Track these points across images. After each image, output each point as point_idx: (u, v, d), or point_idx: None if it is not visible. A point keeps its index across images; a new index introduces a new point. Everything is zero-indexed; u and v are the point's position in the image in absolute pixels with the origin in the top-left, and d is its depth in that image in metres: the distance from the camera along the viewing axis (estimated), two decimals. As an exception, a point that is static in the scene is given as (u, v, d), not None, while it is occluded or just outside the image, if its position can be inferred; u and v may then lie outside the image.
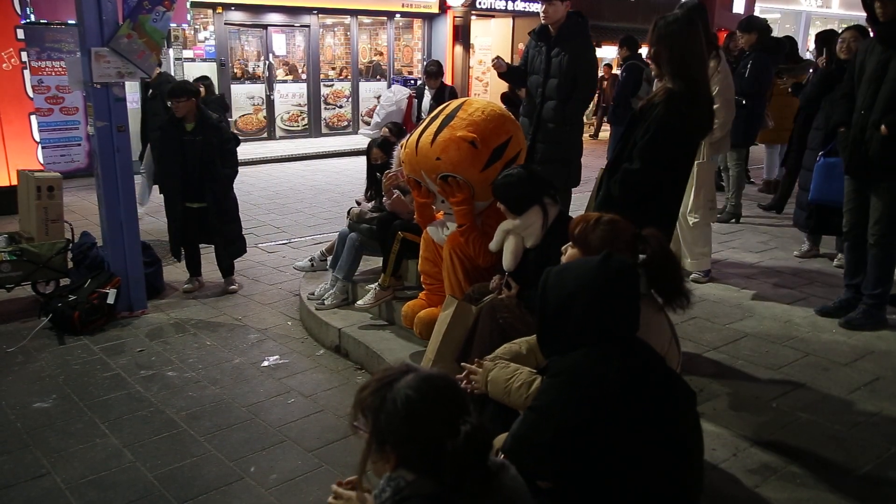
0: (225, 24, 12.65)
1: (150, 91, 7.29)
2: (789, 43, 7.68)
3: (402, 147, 3.86)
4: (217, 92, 8.93)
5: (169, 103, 5.07)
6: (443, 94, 7.51)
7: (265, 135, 13.49)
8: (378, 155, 4.94)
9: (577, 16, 4.74)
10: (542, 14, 4.67)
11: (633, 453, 1.73)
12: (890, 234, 4.00)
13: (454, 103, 3.73)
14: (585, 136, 8.01)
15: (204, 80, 7.81)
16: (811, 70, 7.02)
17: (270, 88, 13.41)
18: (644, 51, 7.37)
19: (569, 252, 2.37)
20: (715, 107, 3.55)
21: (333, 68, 14.47)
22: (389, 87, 14.74)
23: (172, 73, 10.99)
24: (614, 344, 1.81)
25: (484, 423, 1.49)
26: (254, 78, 13.35)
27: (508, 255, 3.19)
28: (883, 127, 3.80)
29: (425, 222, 3.88)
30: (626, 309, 1.85)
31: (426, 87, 7.82)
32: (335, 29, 14.47)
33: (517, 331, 2.80)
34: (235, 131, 10.23)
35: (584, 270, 1.88)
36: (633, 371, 1.77)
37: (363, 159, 5.15)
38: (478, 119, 3.53)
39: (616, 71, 9.91)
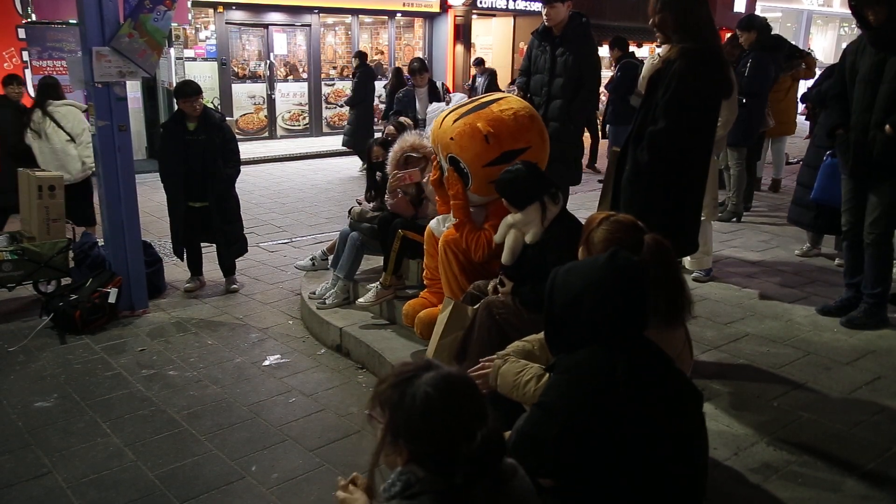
0: (226, 23, 12.64)
1: None
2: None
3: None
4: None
5: (180, 101, 5.00)
6: (437, 90, 7.27)
7: (266, 134, 13.48)
8: (378, 153, 4.94)
9: (580, 16, 4.76)
10: (544, 16, 4.71)
11: (637, 452, 1.73)
12: (888, 234, 4.02)
13: (494, 95, 3.79)
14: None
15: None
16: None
17: (271, 88, 13.40)
18: (640, 51, 7.37)
19: (581, 252, 2.37)
20: None
21: (334, 67, 14.48)
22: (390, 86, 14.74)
23: (174, 73, 10.97)
24: (622, 342, 1.80)
25: (499, 427, 1.48)
26: (255, 77, 13.34)
27: (507, 249, 3.23)
28: (888, 126, 3.82)
29: (447, 210, 3.82)
30: (633, 306, 1.84)
31: (415, 88, 7.49)
32: (336, 28, 14.47)
33: (514, 326, 2.85)
34: (237, 131, 10.00)
35: (591, 268, 1.87)
36: (640, 370, 1.77)
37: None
38: (504, 118, 3.54)
39: (609, 72, 9.69)
